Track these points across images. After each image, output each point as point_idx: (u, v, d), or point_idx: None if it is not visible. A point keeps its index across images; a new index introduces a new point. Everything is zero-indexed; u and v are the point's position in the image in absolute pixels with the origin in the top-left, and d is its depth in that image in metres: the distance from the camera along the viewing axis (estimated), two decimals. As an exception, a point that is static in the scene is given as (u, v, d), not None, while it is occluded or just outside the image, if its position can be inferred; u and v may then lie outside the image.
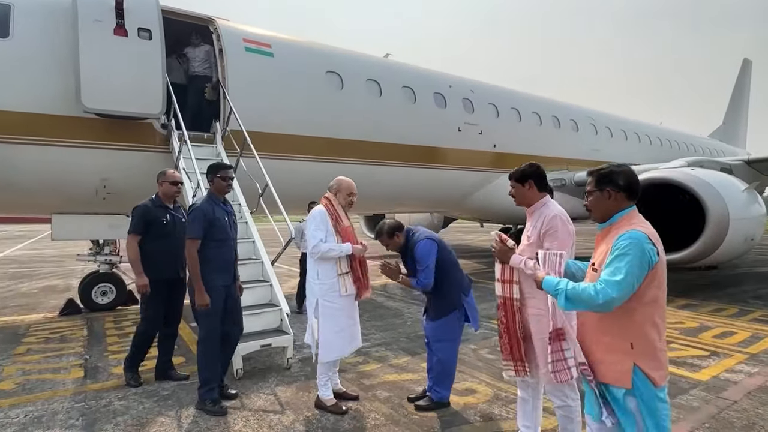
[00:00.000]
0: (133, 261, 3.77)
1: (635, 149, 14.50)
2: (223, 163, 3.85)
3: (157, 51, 5.72)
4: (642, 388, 1.86)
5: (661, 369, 1.88)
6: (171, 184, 4.00)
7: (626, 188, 1.99)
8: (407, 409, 3.39)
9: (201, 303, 3.37)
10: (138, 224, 3.80)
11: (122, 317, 6.39)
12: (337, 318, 3.37)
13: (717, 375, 4.09)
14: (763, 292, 8.25)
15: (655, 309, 1.88)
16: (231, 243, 3.61)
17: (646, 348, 1.87)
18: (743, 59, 26.62)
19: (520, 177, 2.72)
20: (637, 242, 1.81)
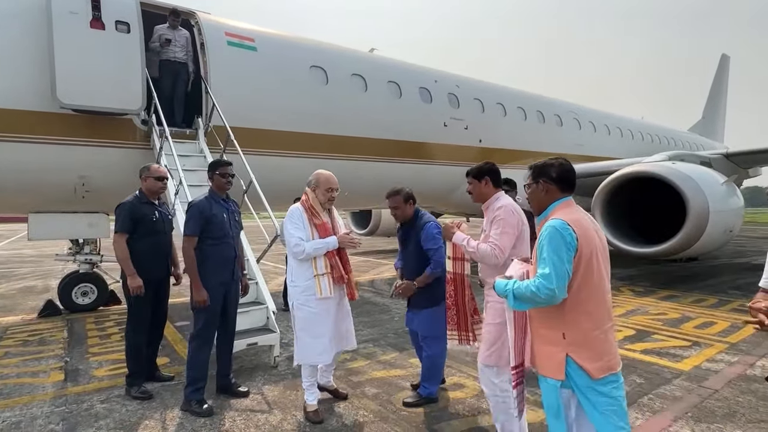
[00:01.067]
0: (124, 261, 3.57)
1: (618, 143, 14.71)
2: (222, 160, 3.72)
3: (135, 45, 5.57)
4: (577, 379, 1.81)
5: (598, 360, 1.80)
6: (156, 180, 3.83)
7: (558, 180, 2.01)
8: (396, 405, 3.38)
9: (198, 300, 3.32)
10: (126, 222, 3.62)
11: (104, 318, 6.25)
12: (313, 322, 3.16)
13: (699, 365, 4.18)
14: (741, 283, 8.46)
15: (587, 296, 1.83)
16: (230, 241, 3.52)
17: (579, 338, 1.82)
18: (721, 55, 27.20)
19: (477, 174, 2.82)
20: (553, 230, 1.83)
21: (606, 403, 1.80)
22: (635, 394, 3.54)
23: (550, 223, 1.88)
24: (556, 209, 1.98)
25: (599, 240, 1.93)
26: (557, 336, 1.85)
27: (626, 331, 5.28)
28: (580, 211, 1.98)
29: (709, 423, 3.05)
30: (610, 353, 1.85)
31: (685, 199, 7.34)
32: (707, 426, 3.01)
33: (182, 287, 7.53)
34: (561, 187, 2.02)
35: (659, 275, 9.39)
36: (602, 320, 1.85)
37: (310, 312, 3.16)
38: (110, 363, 4.36)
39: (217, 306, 3.44)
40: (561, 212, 1.94)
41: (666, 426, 3.01)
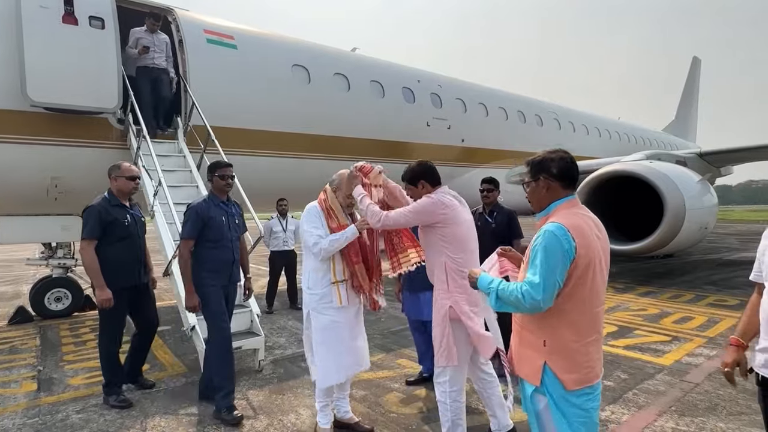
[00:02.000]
0: (93, 270, 3.29)
1: (596, 143, 15.00)
2: (222, 161, 3.56)
3: (110, 41, 5.39)
4: (551, 388, 1.75)
5: (575, 372, 1.72)
6: (128, 180, 3.56)
7: (561, 176, 1.83)
8: (384, 407, 3.34)
9: (190, 305, 3.23)
10: (95, 227, 3.33)
11: (79, 324, 6.03)
12: (332, 334, 2.82)
13: (679, 359, 4.27)
14: (716, 278, 8.71)
15: (574, 307, 1.72)
16: (228, 244, 3.38)
17: (559, 347, 1.74)
18: (693, 57, 28.04)
19: (410, 179, 2.74)
20: (551, 236, 1.68)
21: (576, 415, 1.74)
22: (620, 389, 3.58)
23: (548, 227, 1.72)
24: (558, 209, 1.81)
25: (601, 249, 1.78)
26: (538, 342, 1.78)
27: (609, 327, 5.36)
28: (584, 214, 1.82)
29: (693, 417, 3.10)
30: (588, 366, 1.75)
31: (663, 198, 7.51)
32: (691, 420, 3.06)
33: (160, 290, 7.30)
34: (563, 184, 1.84)
35: (637, 272, 9.60)
36: (586, 332, 1.75)
37: (328, 321, 2.83)
38: (86, 371, 4.20)
39: (221, 304, 3.33)
40: (563, 214, 1.78)
41: (651, 421, 3.05)
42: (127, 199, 3.65)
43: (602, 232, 1.83)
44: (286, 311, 6.64)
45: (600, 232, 1.82)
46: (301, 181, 7.53)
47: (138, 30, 6.06)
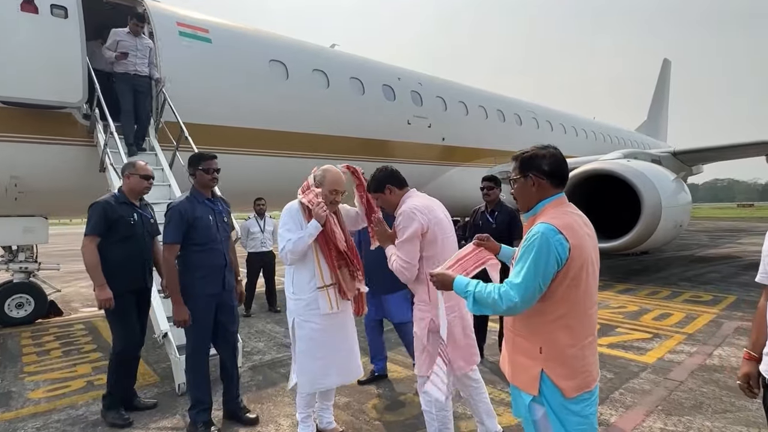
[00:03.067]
0: (93, 268, 3.06)
1: (573, 142, 15.20)
2: (205, 153, 3.18)
3: (74, 31, 5.08)
4: (549, 397, 1.67)
5: (572, 378, 1.65)
6: (142, 178, 3.31)
7: (551, 173, 1.73)
8: (368, 414, 3.22)
9: (179, 319, 2.88)
10: (99, 224, 3.10)
11: (42, 332, 5.68)
12: (317, 342, 2.67)
13: (662, 357, 4.28)
14: (690, 275, 8.91)
15: (568, 310, 1.65)
16: (218, 246, 3.06)
17: (556, 353, 1.66)
18: (663, 59, 28.86)
19: (377, 187, 2.64)
20: (542, 237, 1.59)
21: (576, 423, 1.66)
22: (607, 389, 3.55)
23: (539, 228, 1.63)
24: (547, 208, 1.73)
25: (593, 247, 1.72)
26: (534, 349, 1.70)
27: (591, 325, 5.37)
28: (573, 212, 1.74)
29: (680, 416, 3.09)
30: (586, 371, 1.69)
31: (640, 196, 7.61)
32: (678, 419, 3.04)
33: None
34: (554, 182, 1.74)
35: (615, 269, 9.74)
36: (583, 335, 1.69)
37: (313, 330, 2.66)
38: (48, 383, 3.93)
39: (208, 320, 3.02)
40: (552, 213, 1.69)
41: (640, 422, 3.02)
42: (137, 199, 3.39)
43: (592, 231, 1.77)
44: (264, 314, 6.43)
45: (590, 231, 1.75)
46: (279, 180, 7.31)
47: (120, 31, 5.49)
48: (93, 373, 4.15)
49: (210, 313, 3.02)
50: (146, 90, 5.71)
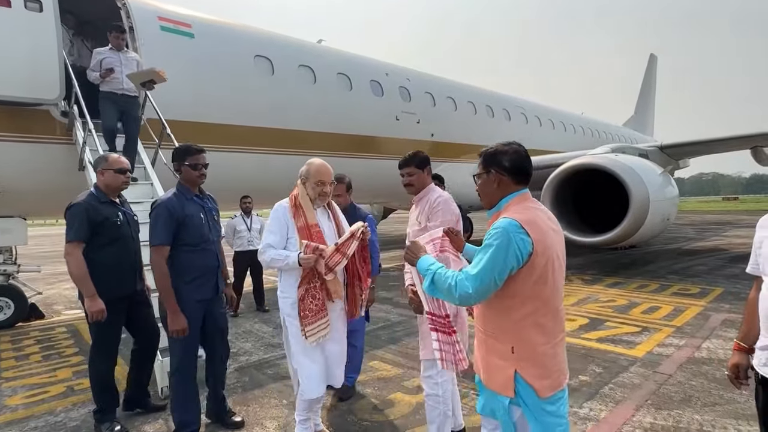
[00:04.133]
0: (81, 278, 2.81)
1: (561, 137, 15.28)
2: (191, 146, 2.92)
3: (49, 25, 4.92)
4: (525, 397, 1.65)
5: (546, 378, 1.64)
6: (117, 173, 3.06)
7: (512, 169, 1.74)
8: (357, 415, 3.16)
9: (175, 329, 2.65)
10: (81, 228, 2.85)
11: (23, 335, 5.53)
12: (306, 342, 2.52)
13: (650, 350, 4.28)
14: (677, 268, 8.98)
15: (538, 307, 1.64)
16: (210, 246, 2.84)
17: (528, 353, 1.64)
18: (650, 55, 29.12)
19: (420, 163, 2.69)
20: (503, 232, 1.58)
21: (554, 424, 1.65)
22: (596, 384, 3.53)
23: (501, 222, 1.62)
24: (509, 204, 1.73)
25: (558, 242, 1.71)
26: (506, 349, 1.67)
27: (581, 320, 5.37)
28: (536, 208, 1.73)
29: (669, 410, 3.07)
30: (558, 369, 1.68)
31: (628, 190, 7.64)
32: (668, 413, 3.03)
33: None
34: (516, 179, 1.74)
35: (603, 263, 9.79)
36: (554, 333, 1.68)
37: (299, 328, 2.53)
38: (26, 389, 3.81)
39: (196, 329, 2.78)
40: (514, 209, 1.68)
41: (630, 416, 3.00)
42: (116, 196, 3.16)
43: (557, 226, 1.77)
44: (252, 314, 6.34)
45: (555, 226, 1.75)
46: (266, 178, 7.22)
47: (101, 49, 5.10)
48: (73, 377, 4.04)
49: (198, 322, 2.81)
50: (136, 111, 5.17)
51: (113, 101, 5.03)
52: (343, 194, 3.39)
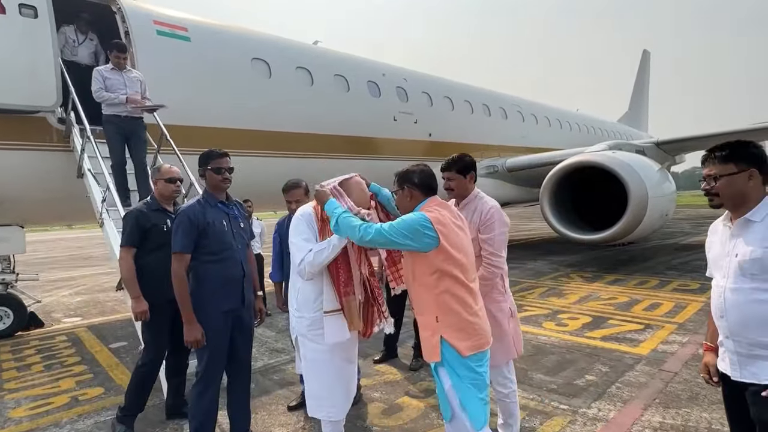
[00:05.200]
0: (129, 281, 2.98)
1: (557, 135, 15.32)
2: (215, 151, 2.82)
3: (45, 31, 4.87)
4: (449, 357, 2.00)
5: (467, 339, 2.00)
6: (167, 182, 3.18)
7: (421, 185, 2.19)
8: (366, 420, 3.15)
9: (190, 339, 2.56)
10: (132, 234, 3.02)
11: (23, 345, 5.48)
12: (325, 366, 2.38)
13: (655, 348, 4.29)
14: (675, 263, 9.03)
15: (452, 283, 2.02)
16: (234, 255, 2.73)
17: (450, 320, 2.01)
18: (643, 50, 29.24)
19: (463, 168, 2.67)
20: (413, 218, 2.03)
21: (470, 378, 2.00)
22: (603, 383, 3.54)
23: (415, 215, 2.07)
24: (421, 209, 2.14)
25: (463, 235, 2.13)
26: (431, 320, 2.04)
27: (584, 318, 5.38)
28: (444, 208, 2.14)
29: (677, 408, 3.08)
30: (478, 333, 2.04)
31: (627, 187, 7.67)
32: (676, 412, 3.04)
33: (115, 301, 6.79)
34: (424, 192, 2.19)
35: (602, 260, 9.83)
36: (469, 304, 2.05)
37: (320, 351, 2.37)
38: (30, 400, 3.76)
39: (223, 343, 2.68)
40: (424, 209, 2.13)
41: (638, 416, 3.01)
42: (169, 204, 3.26)
43: (461, 221, 2.19)
44: (254, 318, 6.30)
45: (459, 221, 2.16)
46: (264, 182, 7.16)
47: (104, 70, 4.75)
48: (77, 387, 4.00)
49: (225, 334, 2.67)
50: (142, 132, 4.82)
51: (117, 126, 4.69)
52: (301, 200, 3.20)
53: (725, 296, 1.67)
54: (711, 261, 1.81)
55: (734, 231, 1.68)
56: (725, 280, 1.68)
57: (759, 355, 1.59)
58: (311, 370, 2.42)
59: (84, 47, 5.78)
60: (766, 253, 1.56)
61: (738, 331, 1.64)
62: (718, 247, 1.76)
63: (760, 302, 1.58)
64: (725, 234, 1.73)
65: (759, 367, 1.59)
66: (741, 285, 1.62)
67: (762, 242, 1.58)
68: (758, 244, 1.58)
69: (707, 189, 1.71)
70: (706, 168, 1.72)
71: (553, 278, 7.88)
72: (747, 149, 1.66)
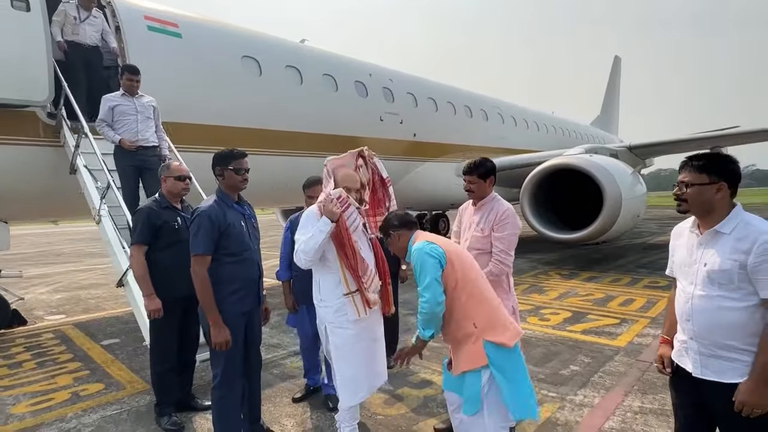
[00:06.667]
0: (141, 278, 3.06)
1: (535, 137, 15.79)
2: (235, 151, 2.80)
3: (37, 25, 4.78)
4: (493, 356, 2.13)
5: (507, 331, 2.19)
6: (177, 180, 3.27)
7: (402, 225, 2.45)
8: (370, 410, 3.32)
9: (219, 341, 2.54)
10: (144, 231, 3.08)
11: (9, 343, 5.38)
12: (352, 349, 2.56)
13: (631, 340, 4.62)
14: (645, 261, 9.55)
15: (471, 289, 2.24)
16: (252, 255, 2.77)
17: (485, 320, 2.19)
18: (614, 56, 30.29)
19: (483, 173, 2.86)
20: (419, 252, 2.25)
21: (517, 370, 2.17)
22: (586, 373, 3.82)
23: (414, 248, 2.30)
24: (413, 242, 2.39)
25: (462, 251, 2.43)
26: (470, 328, 2.19)
27: (564, 313, 5.70)
28: (430, 235, 2.41)
29: (654, 394, 3.38)
30: (510, 324, 2.25)
31: (602, 189, 8.07)
32: (653, 397, 3.34)
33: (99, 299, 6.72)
34: (407, 228, 2.45)
35: (578, 258, 10.28)
36: (491, 300, 2.29)
37: (348, 335, 2.55)
38: (29, 396, 3.76)
39: (240, 342, 2.72)
40: (418, 239, 2.37)
41: (620, 401, 3.29)
42: (178, 201, 3.34)
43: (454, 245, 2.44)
44: (245, 315, 6.36)
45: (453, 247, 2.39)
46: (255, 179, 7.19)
47: (113, 98, 4.53)
48: (75, 383, 4.01)
49: (241, 335, 2.73)
50: (155, 163, 4.36)
51: (129, 158, 4.43)
52: None
53: (693, 303, 1.78)
54: (676, 265, 1.93)
55: (702, 240, 1.78)
56: (693, 287, 1.79)
57: (720, 355, 1.73)
58: (341, 354, 2.57)
59: (87, 25, 5.35)
60: (734, 265, 1.66)
61: (703, 335, 1.76)
62: (685, 253, 1.87)
63: (726, 309, 1.70)
64: (692, 241, 1.83)
65: (719, 366, 1.73)
66: (709, 293, 1.73)
67: (731, 254, 1.68)
68: (727, 256, 1.68)
69: (677, 194, 1.81)
70: (681, 174, 1.81)
71: (533, 276, 8.22)
72: (722, 163, 1.75)
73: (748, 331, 1.67)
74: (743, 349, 1.69)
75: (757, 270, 1.63)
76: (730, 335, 1.70)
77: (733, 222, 1.72)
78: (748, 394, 1.65)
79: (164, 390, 3.22)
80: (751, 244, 1.65)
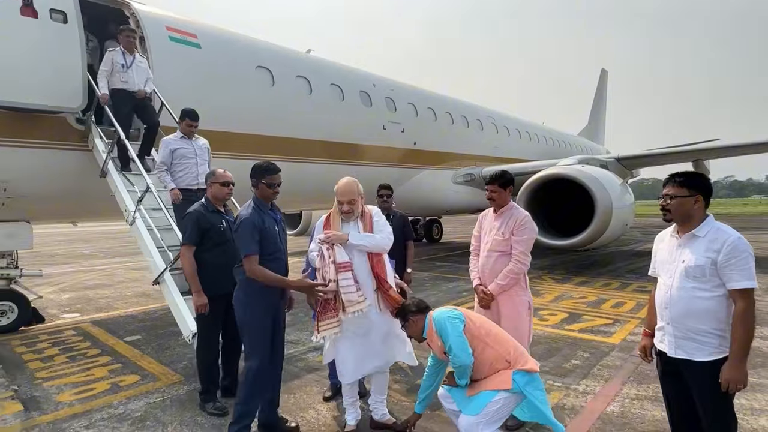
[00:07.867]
0: (191, 276, 3.39)
1: (526, 146, 16.35)
2: (270, 166, 3.10)
3: (74, 36, 5.06)
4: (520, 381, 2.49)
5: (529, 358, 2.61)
6: (222, 186, 3.59)
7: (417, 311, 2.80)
8: (393, 397, 3.64)
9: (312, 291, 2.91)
10: (192, 233, 3.42)
11: (34, 339, 5.57)
12: (336, 341, 3.04)
13: (624, 338, 5.04)
14: (633, 267, 10.06)
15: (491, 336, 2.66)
16: (282, 256, 3.12)
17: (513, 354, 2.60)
18: (601, 69, 31.26)
19: (504, 183, 3.25)
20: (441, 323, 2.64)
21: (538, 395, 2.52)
22: (587, 366, 4.21)
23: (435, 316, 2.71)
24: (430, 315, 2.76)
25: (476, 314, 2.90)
26: (503, 365, 2.56)
27: (561, 314, 6.11)
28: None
29: (648, 384, 3.78)
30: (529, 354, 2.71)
31: (594, 198, 8.56)
32: (647, 386, 3.74)
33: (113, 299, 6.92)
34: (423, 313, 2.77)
35: (569, 263, 10.75)
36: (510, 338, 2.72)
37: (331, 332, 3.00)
38: (71, 386, 4.00)
39: (270, 331, 3.07)
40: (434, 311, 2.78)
41: (618, 390, 3.69)
42: (221, 205, 3.69)
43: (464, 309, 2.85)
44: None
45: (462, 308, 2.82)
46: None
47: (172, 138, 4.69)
48: (111, 375, 4.25)
49: (270, 326, 3.06)
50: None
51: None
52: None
53: (671, 293, 2.16)
54: (658, 264, 2.30)
55: (681, 242, 2.16)
56: (671, 280, 2.17)
57: (691, 337, 2.10)
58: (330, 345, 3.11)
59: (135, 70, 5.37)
60: (707, 261, 2.04)
61: (678, 320, 2.13)
62: (666, 254, 2.24)
63: (698, 298, 2.08)
64: (672, 243, 2.22)
65: (690, 347, 2.10)
66: (684, 284, 2.11)
67: (704, 253, 2.06)
68: (701, 254, 2.07)
69: (663, 205, 2.17)
70: (665, 188, 2.17)
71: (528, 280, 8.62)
72: (698, 180, 2.16)
73: (716, 317, 2.08)
74: (710, 332, 2.09)
75: (725, 266, 2.02)
76: (701, 320, 2.08)
77: (707, 228, 2.11)
78: (731, 372, 2.03)
79: (209, 378, 3.53)
80: (721, 245, 2.04)
